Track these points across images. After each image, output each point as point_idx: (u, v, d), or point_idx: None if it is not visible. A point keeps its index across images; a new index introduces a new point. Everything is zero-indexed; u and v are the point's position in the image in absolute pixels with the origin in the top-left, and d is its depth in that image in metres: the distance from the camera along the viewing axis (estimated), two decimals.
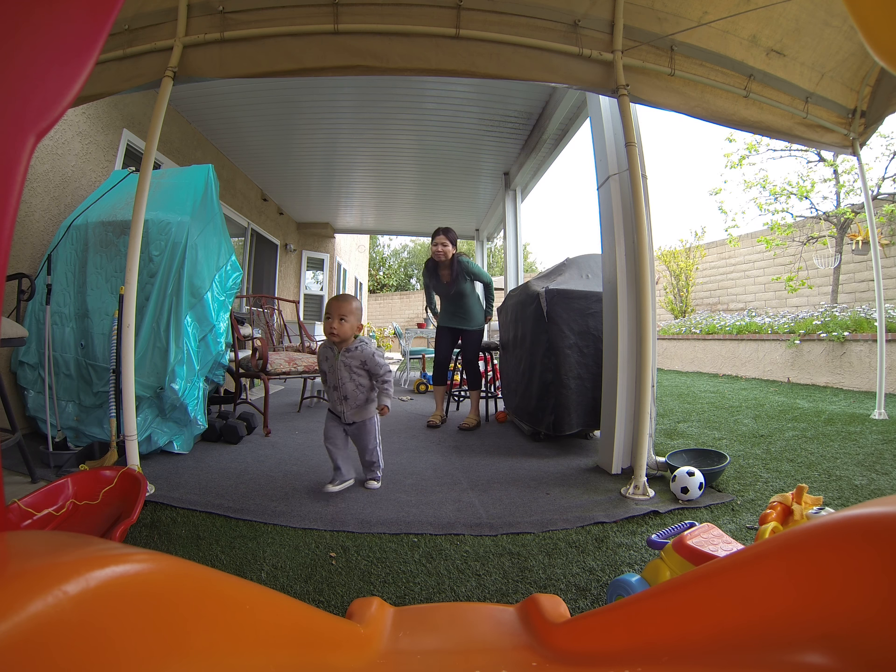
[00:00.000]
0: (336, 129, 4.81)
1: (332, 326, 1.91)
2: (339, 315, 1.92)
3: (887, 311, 4.73)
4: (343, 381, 1.97)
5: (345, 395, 1.98)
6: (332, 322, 1.91)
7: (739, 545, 1.05)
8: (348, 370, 1.97)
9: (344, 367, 1.96)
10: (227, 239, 2.84)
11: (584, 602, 1.21)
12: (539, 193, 55.62)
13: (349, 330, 1.95)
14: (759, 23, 2.32)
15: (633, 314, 2.23)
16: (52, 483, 1.57)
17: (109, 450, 2.11)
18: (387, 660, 0.70)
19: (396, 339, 13.60)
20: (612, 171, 2.40)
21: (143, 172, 2.01)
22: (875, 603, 0.39)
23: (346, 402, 1.98)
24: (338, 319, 1.92)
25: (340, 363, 1.96)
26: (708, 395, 4.62)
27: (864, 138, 3.02)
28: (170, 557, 0.46)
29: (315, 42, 2.14)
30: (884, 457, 2.36)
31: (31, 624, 0.30)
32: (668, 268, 9.91)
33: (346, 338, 1.96)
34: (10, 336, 1.95)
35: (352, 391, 1.98)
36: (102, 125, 3.46)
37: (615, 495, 1.98)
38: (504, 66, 2.17)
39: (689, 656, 0.52)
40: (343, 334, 1.94)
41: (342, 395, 1.98)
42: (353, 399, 1.99)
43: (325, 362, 2.04)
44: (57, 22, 0.60)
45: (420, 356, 6.46)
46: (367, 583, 1.30)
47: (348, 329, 1.95)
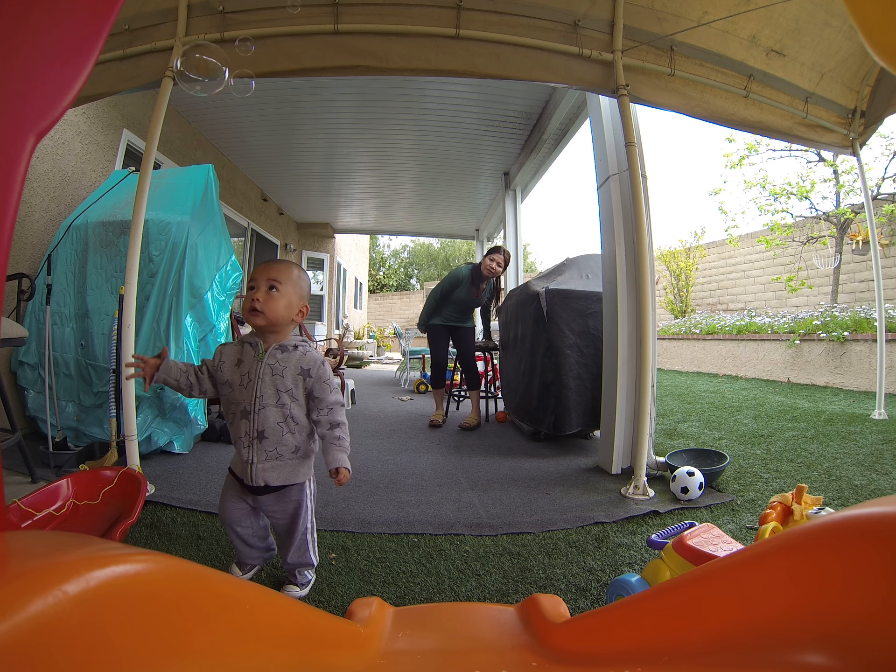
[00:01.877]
0: (336, 129, 4.81)
1: (254, 298, 1.13)
2: (269, 281, 1.15)
3: (887, 311, 4.73)
4: (262, 403, 1.13)
5: (260, 429, 1.13)
6: (257, 293, 1.14)
7: (739, 545, 1.05)
8: (274, 384, 1.14)
9: (269, 375, 1.14)
10: (227, 239, 2.84)
11: (584, 602, 1.21)
12: (539, 193, 55.64)
13: (283, 309, 1.16)
14: (759, 23, 2.32)
15: (633, 314, 2.23)
16: (52, 483, 1.58)
17: (109, 450, 2.11)
18: (387, 660, 0.70)
19: (396, 339, 13.59)
20: (612, 171, 2.40)
21: (143, 172, 2.01)
22: (875, 603, 0.39)
23: (260, 446, 1.13)
24: (265, 288, 1.14)
25: (265, 368, 1.14)
26: (708, 395, 4.62)
27: (864, 138, 3.02)
28: (170, 557, 0.46)
29: (315, 42, 2.14)
30: (884, 457, 2.36)
31: (31, 624, 0.30)
32: (668, 268, 9.91)
33: (278, 322, 1.16)
34: (10, 336, 1.95)
35: (273, 425, 1.13)
36: (102, 125, 3.46)
37: (615, 495, 1.98)
38: (504, 66, 2.17)
39: (689, 656, 0.52)
40: (273, 313, 1.14)
41: (254, 431, 1.13)
42: (272, 440, 1.13)
43: (229, 368, 1.18)
44: (57, 22, 0.60)
45: (420, 356, 6.46)
46: (367, 583, 1.30)
47: (282, 306, 1.15)
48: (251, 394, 1.14)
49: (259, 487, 1.15)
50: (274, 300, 1.15)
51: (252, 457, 1.14)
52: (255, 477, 1.14)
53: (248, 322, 1.17)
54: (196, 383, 1.19)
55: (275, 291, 1.15)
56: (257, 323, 1.15)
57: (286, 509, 1.21)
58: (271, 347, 1.17)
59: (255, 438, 1.13)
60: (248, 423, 1.14)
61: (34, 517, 1.46)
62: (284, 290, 1.16)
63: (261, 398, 1.13)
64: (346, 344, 9.99)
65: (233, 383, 1.17)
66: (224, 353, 1.21)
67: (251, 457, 1.14)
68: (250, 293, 1.16)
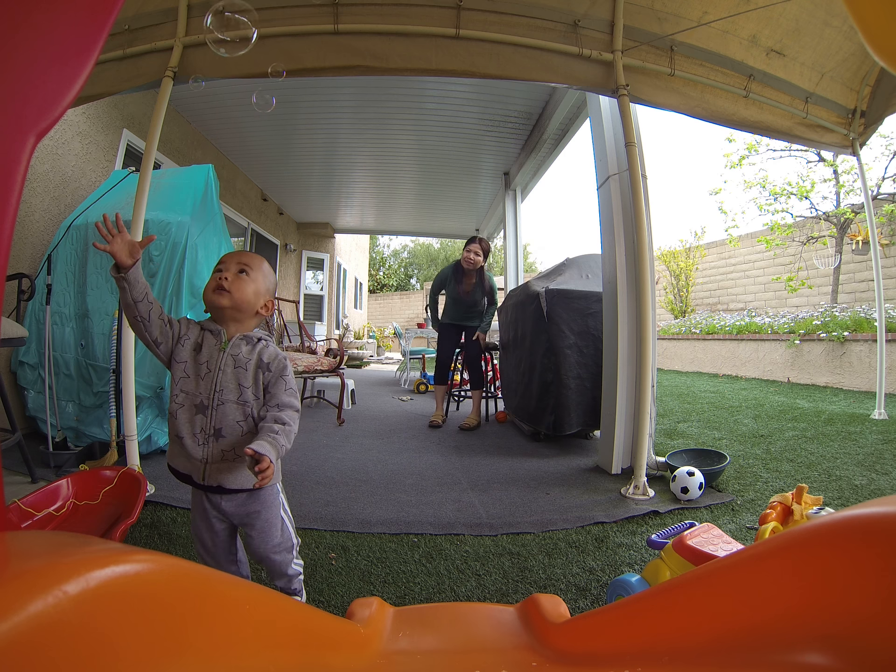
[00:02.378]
0: (336, 129, 4.81)
1: (222, 278, 1.04)
2: (240, 265, 1.08)
3: (887, 311, 4.73)
4: (222, 398, 1.02)
5: (218, 427, 1.01)
6: (225, 273, 1.05)
7: (739, 545, 1.05)
8: (237, 377, 1.04)
9: (231, 367, 1.04)
10: (227, 239, 2.84)
11: (584, 602, 1.21)
12: (539, 193, 55.69)
13: (251, 294, 1.07)
14: (759, 23, 2.32)
15: (633, 314, 2.23)
16: (52, 483, 1.58)
17: (109, 450, 2.11)
18: (387, 660, 0.70)
19: (396, 339, 13.60)
20: (612, 171, 2.40)
21: (143, 172, 2.01)
22: (876, 603, 0.39)
23: (216, 444, 1.01)
24: (235, 270, 1.07)
25: (226, 359, 1.04)
26: (708, 395, 4.62)
27: (864, 138, 3.02)
28: (170, 557, 0.46)
29: (315, 42, 2.14)
30: (884, 457, 2.36)
31: (31, 624, 0.30)
32: (668, 268, 9.91)
33: (243, 307, 1.07)
34: (10, 336, 1.95)
35: (232, 423, 1.02)
36: (102, 125, 3.46)
37: (615, 495, 1.98)
38: (504, 67, 2.17)
39: (689, 656, 0.52)
40: (240, 294, 1.05)
41: (211, 427, 1.01)
42: (231, 439, 1.02)
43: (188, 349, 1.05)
44: (57, 22, 0.60)
45: (420, 356, 6.46)
46: (367, 583, 1.30)
47: (251, 291, 1.07)
48: (209, 386, 1.02)
49: (212, 487, 1.03)
50: (243, 282, 1.06)
51: (207, 455, 1.01)
52: (209, 476, 1.02)
53: (211, 302, 1.06)
54: (162, 327, 1.03)
55: (244, 275, 1.07)
56: (221, 303, 1.05)
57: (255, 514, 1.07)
58: (235, 337, 1.07)
59: (212, 436, 1.01)
60: (203, 418, 1.02)
61: (34, 517, 1.46)
62: (254, 277, 1.08)
63: (220, 392, 1.02)
64: (346, 344, 9.99)
65: (188, 369, 1.04)
66: (189, 328, 1.07)
67: (206, 455, 1.01)
68: (216, 273, 1.06)
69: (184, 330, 1.06)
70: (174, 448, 1.06)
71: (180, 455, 1.04)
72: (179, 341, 1.05)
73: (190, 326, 1.08)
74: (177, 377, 1.04)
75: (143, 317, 1.00)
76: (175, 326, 1.06)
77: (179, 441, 1.03)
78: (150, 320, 1.00)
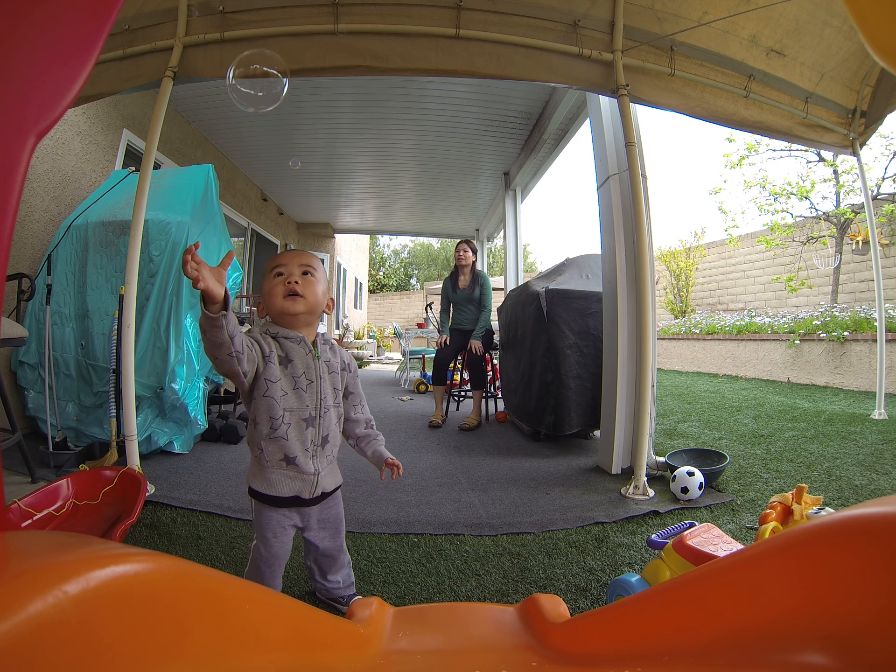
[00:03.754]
0: (336, 129, 4.81)
1: (293, 282, 1.01)
2: (303, 266, 1.04)
3: (887, 311, 4.73)
4: (326, 406, 1.04)
5: (325, 434, 1.04)
6: (293, 276, 1.02)
7: (739, 545, 1.05)
8: (332, 383, 1.07)
9: (328, 373, 1.06)
10: (228, 239, 2.84)
11: (584, 602, 1.21)
12: (539, 193, 55.70)
13: (321, 295, 1.05)
14: (759, 23, 2.32)
15: (633, 314, 2.23)
16: (52, 483, 1.58)
17: (109, 450, 2.11)
18: (387, 660, 0.70)
19: (396, 339, 13.60)
20: (612, 171, 2.40)
21: (143, 172, 2.01)
22: (876, 603, 0.39)
23: (322, 452, 1.03)
24: (300, 272, 1.03)
25: (322, 366, 1.04)
26: (708, 395, 4.62)
27: (864, 138, 3.02)
28: (170, 557, 0.46)
29: (315, 42, 2.14)
30: (884, 457, 2.36)
31: (31, 624, 0.30)
32: (668, 268, 9.91)
33: (316, 310, 1.05)
34: (10, 336, 1.95)
35: (334, 428, 1.06)
36: (102, 125, 3.46)
37: (615, 495, 1.98)
38: (504, 67, 2.17)
39: (689, 656, 0.52)
40: (313, 297, 1.03)
41: (320, 437, 1.03)
42: (333, 443, 1.06)
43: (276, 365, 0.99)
44: (57, 22, 0.60)
45: (420, 356, 6.46)
46: (367, 583, 1.30)
47: (320, 292, 1.05)
48: (315, 397, 1.02)
49: (316, 498, 1.03)
50: (312, 284, 1.03)
51: (318, 466, 1.02)
52: (318, 486, 1.02)
53: (284, 310, 1.00)
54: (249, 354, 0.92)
55: (310, 276, 1.04)
56: (297, 309, 1.00)
57: (335, 515, 1.11)
58: (319, 343, 1.06)
59: (320, 446, 1.03)
60: (313, 430, 1.01)
61: (34, 517, 1.46)
62: (319, 277, 1.06)
63: (324, 400, 1.03)
64: (346, 344, 9.99)
65: (285, 385, 0.99)
66: (268, 343, 0.99)
67: (317, 467, 1.01)
68: (281, 278, 1.01)
69: (266, 348, 0.98)
70: (277, 475, 0.99)
71: (286, 479, 0.99)
72: (268, 360, 0.98)
73: (267, 340, 1.00)
74: (277, 398, 0.97)
75: (237, 351, 0.88)
76: (256, 347, 0.96)
77: (289, 463, 0.99)
78: (242, 353, 0.90)
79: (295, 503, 1.02)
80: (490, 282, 3.72)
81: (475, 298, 3.66)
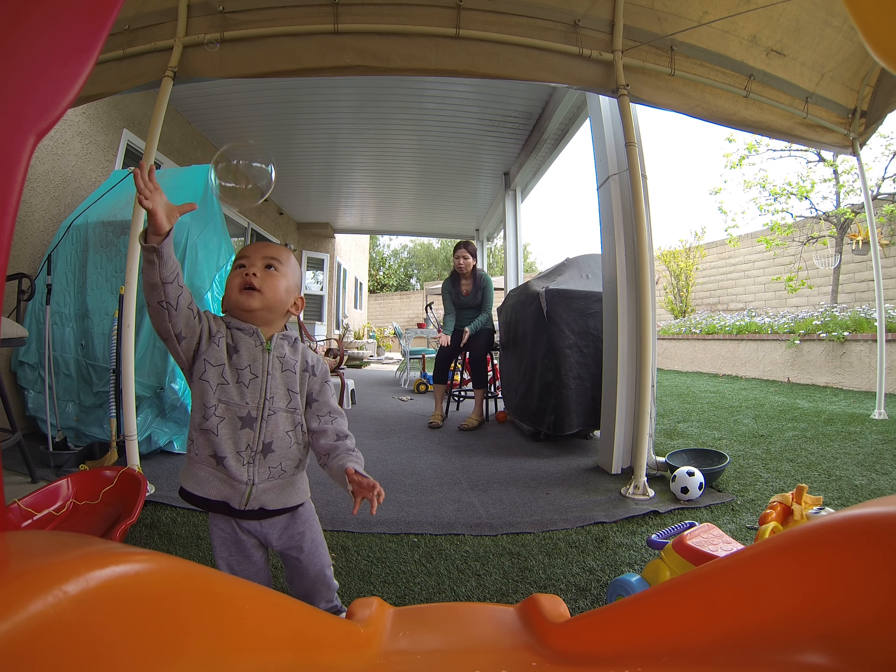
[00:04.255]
0: (336, 129, 4.81)
1: (250, 274, 0.92)
2: (267, 259, 0.95)
3: (887, 311, 4.73)
4: (273, 407, 0.91)
5: (268, 441, 0.90)
6: (252, 268, 0.92)
7: (739, 545, 1.05)
8: (286, 382, 0.94)
9: (279, 370, 0.93)
10: (227, 239, 2.84)
11: (584, 602, 1.21)
12: (539, 193, 55.67)
13: (283, 292, 0.95)
14: (760, 23, 2.32)
15: (633, 314, 2.23)
16: (52, 483, 1.58)
17: (109, 450, 2.11)
18: (387, 660, 0.70)
19: (396, 339, 13.59)
20: (612, 171, 2.40)
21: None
22: (876, 603, 0.39)
23: (264, 461, 0.90)
24: (262, 265, 0.94)
25: (273, 361, 0.93)
26: (708, 395, 4.62)
27: (865, 138, 3.02)
28: (170, 557, 0.46)
29: (315, 42, 2.13)
30: (884, 457, 2.36)
31: (30, 624, 0.30)
32: (668, 268, 9.91)
33: (275, 307, 0.95)
34: (10, 336, 1.95)
35: (283, 435, 0.92)
36: (102, 125, 3.45)
37: (615, 495, 1.98)
38: (504, 66, 2.17)
39: (689, 656, 0.52)
40: (272, 293, 0.93)
41: (259, 443, 0.90)
42: (280, 453, 0.92)
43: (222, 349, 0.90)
44: (57, 22, 0.60)
45: (420, 356, 6.46)
46: (367, 583, 1.30)
47: (283, 288, 0.95)
48: (258, 394, 0.89)
49: (252, 511, 0.90)
50: (274, 279, 0.93)
51: (253, 475, 0.88)
52: (252, 500, 0.88)
53: (238, 304, 0.91)
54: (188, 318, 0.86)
55: (273, 270, 0.94)
56: (251, 305, 0.90)
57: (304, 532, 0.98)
58: (275, 337, 0.94)
59: (259, 452, 0.89)
60: (251, 432, 0.88)
61: (34, 517, 1.46)
62: (283, 271, 0.95)
63: (271, 400, 0.90)
64: (346, 344, 9.99)
65: (226, 374, 0.88)
66: (219, 326, 0.90)
67: (252, 476, 0.88)
68: (240, 270, 0.92)
69: (215, 327, 0.89)
70: (205, 472, 0.88)
71: (214, 479, 0.87)
72: (213, 339, 0.89)
73: (219, 323, 0.92)
74: (213, 384, 0.87)
75: (169, 302, 0.82)
76: (204, 321, 0.89)
77: (218, 462, 0.87)
78: (177, 308, 0.83)
79: (226, 510, 0.89)
80: (492, 282, 3.67)
81: (479, 303, 3.62)
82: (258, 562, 0.97)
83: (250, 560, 0.95)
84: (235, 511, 0.89)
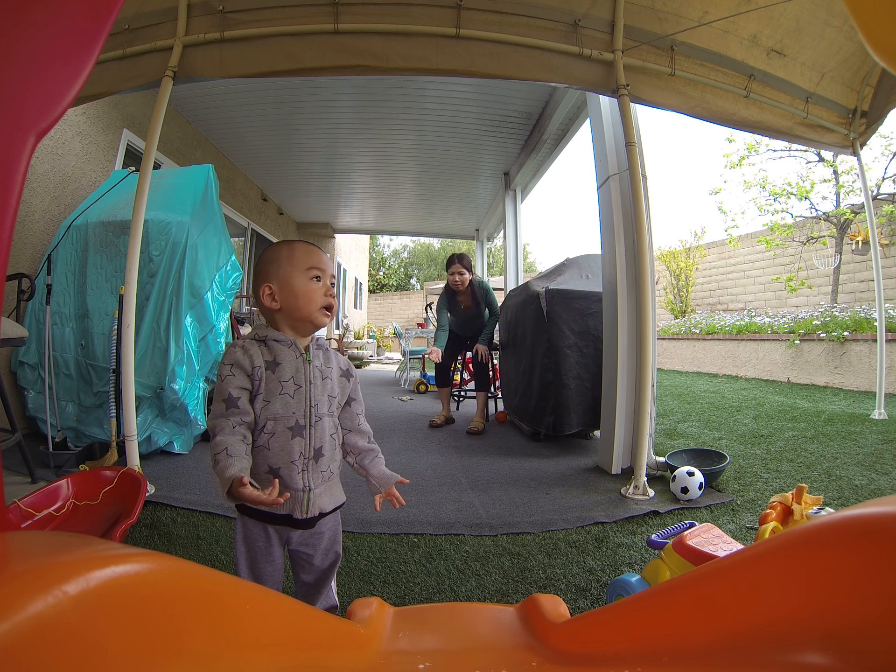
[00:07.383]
0: (336, 129, 4.81)
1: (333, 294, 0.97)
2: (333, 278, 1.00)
3: (887, 311, 4.73)
4: (318, 413, 0.94)
5: (318, 446, 0.93)
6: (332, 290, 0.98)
7: (739, 545, 1.05)
8: (325, 389, 0.96)
9: (320, 379, 0.95)
10: (227, 239, 2.84)
11: (584, 602, 1.21)
12: (539, 193, 55.69)
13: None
14: (760, 23, 2.32)
15: (633, 314, 2.23)
16: (52, 483, 1.58)
17: (109, 450, 2.11)
18: (387, 660, 0.70)
19: (396, 339, 13.59)
20: (612, 171, 2.40)
21: (143, 172, 2.01)
22: (877, 603, 0.39)
23: (316, 467, 0.93)
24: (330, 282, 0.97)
25: (314, 371, 0.94)
26: (708, 395, 4.62)
27: (865, 138, 3.02)
28: (170, 557, 0.46)
29: (315, 42, 2.14)
30: (884, 457, 2.36)
31: (30, 624, 0.30)
32: (668, 268, 9.92)
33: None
34: (10, 336, 1.95)
35: (329, 439, 0.95)
36: (102, 125, 3.45)
37: (615, 495, 1.98)
38: (504, 66, 2.17)
39: (689, 656, 0.52)
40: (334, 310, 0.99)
41: (311, 449, 0.92)
42: (328, 457, 0.95)
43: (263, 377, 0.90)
44: (57, 21, 0.60)
45: (420, 356, 6.46)
46: (367, 583, 1.30)
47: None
48: (303, 403, 0.91)
49: (312, 519, 0.93)
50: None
51: (308, 482, 0.91)
52: (312, 506, 0.91)
53: (315, 321, 0.94)
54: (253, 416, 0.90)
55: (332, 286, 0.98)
56: (326, 324, 0.97)
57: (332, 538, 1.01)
58: (311, 346, 0.96)
59: (311, 458, 0.91)
60: (302, 440, 0.90)
61: (34, 517, 1.46)
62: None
63: (316, 407, 0.92)
64: (346, 344, 9.99)
65: (271, 392, 0.89)
66: (253, 356, 0.89)
67: (307, 482, 0.90)
68: (320, 284, 0.93)
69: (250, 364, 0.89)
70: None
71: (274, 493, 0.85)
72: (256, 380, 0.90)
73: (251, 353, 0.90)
74: (257, 408, 0.89)
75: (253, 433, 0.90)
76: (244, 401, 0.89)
77: (274, 474, 0.88)
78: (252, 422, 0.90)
79: (289, 523, 0.92)
80: (490, 286, 3.54)
81: (482, 314, 3.50)
82: (277, 559, 0.97)
83: (271, 557, 0.95)
84: (298, 521, 0.92)
